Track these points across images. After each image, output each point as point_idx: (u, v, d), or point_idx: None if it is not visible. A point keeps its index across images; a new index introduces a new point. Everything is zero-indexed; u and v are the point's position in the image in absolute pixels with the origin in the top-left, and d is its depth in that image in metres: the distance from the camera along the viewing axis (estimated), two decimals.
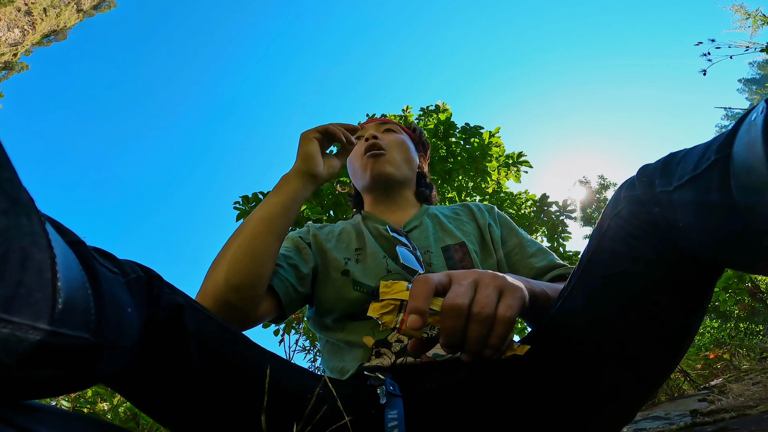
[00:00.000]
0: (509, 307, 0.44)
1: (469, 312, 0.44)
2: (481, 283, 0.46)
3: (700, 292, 0.46)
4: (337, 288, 0.75)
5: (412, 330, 0.44)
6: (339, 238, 0.86)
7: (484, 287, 0.46)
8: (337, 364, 0.72)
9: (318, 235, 0.87)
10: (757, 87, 26.33)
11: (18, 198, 0.25)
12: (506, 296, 0.45)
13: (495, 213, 0.94)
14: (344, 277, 0.76)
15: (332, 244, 0.84)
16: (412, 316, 0.44)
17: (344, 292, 0.73)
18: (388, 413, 0.50)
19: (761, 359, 2.07)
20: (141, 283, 0.41)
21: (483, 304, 0.44)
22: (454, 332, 0.44)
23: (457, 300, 0.44)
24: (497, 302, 0.45)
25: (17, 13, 24.83)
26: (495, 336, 0.44)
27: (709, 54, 3.19)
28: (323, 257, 0.81)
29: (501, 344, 0.44)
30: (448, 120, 3.11)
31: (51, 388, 0.31)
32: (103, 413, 1.35)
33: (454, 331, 0.44)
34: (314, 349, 2.68)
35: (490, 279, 0.47)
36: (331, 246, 0.83)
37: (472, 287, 0.46)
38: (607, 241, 0.49)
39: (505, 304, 0.45)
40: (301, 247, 0.82)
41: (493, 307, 0.44)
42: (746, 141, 0.32)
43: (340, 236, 0.87)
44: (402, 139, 0.99)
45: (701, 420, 0.82)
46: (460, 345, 0.45)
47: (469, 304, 0.44)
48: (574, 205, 3.10)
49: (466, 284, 0.46)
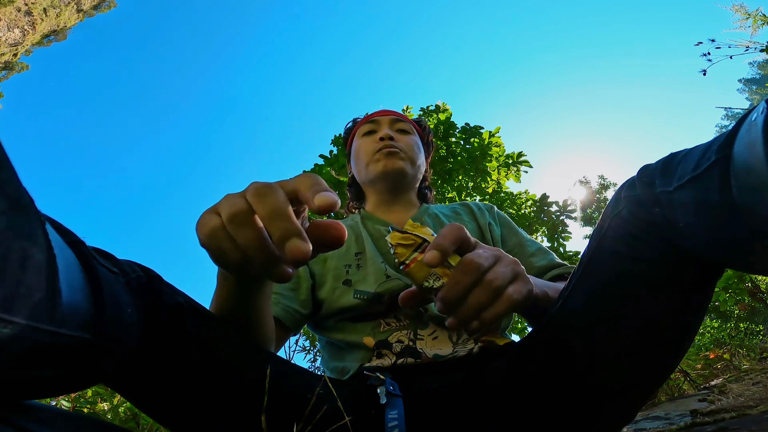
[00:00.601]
0: (518, 291, 0.46)
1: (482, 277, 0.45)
2: (503, 259, 0.48)
3: (701, 292, 0.46)
4: (338, 296, 0.74)
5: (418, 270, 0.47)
6: None
7: (504, 264, 0.47)
8: (338, 364, 0.72)
9: None
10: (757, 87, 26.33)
11: (18, 198, 0.25)
12: (519, 281, 0.47)
13: (495, 212, 0.94)
14: (345, 286, 0.75)
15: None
16: (433, 252, 0.45)
17: (344, 300, 0.73)
18: (388, 413, 0.50)
19: (761, 359, 2.07)
20: (141, 283, 0.41)
21: (498, 275, 0.45)
22: (458, 287, 0.45)
23: (478, 259, 0.45)
24: (510, 282, 0.46)
25: (17, 13, 24.83)
26: (493, 311, 0.45)
27: (709, 54, 3.19)
28: (323, 266, 0.80)
29: (493, 321, 0.45)
30: (448, 120, 3.11)
31: (51, 388, 0.31)
32: (103, 413, 1.35)
33: (460, 286, 0.45)
34: (314, 349, 2.68)
35: (511, 261, 0.48)
36: (330, 253, 0.82)
37: (494, 258, 0.47)
38: (608, 241, 0.49)
39: (516, 288, 0.46)
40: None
41: (504, 283, 0.45)
42: (746, 141, 0.32)
43: None
44: (415, 141, 0.98)
45: (701, 420, 0.82)
46: (456, 303, 0.45)
47: (486, 270, 0.45)
48: (574, 205, 3.10)
49: (490, 253, 0.48)
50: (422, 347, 0.66)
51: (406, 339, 0.68)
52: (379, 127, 0.97)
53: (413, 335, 0.68)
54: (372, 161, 0.91)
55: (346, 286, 0.75)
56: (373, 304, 0.72)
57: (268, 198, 0.35)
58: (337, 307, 0.73)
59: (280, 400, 0.49)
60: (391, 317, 0.71)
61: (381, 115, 1.00)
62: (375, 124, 0.97)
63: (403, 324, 0.70)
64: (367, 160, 0.92)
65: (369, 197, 0.98)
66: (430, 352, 0.65)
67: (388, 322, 0.71)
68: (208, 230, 0.36)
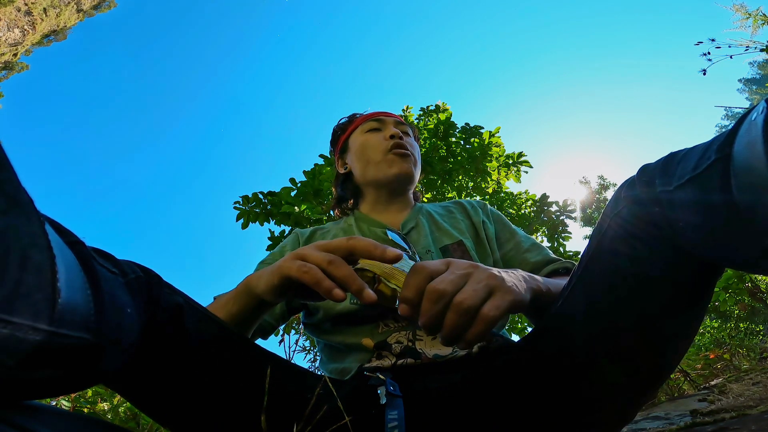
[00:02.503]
0: (496, 307, 0.44)
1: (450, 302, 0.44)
2: (474, 277, 0.46)
3: (701, 291, 0.46)
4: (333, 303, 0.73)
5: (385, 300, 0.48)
6: None
7: (475, 281, 0.45)
8: (337, 366, 0.71)
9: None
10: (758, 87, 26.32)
11: (17, 198, 0.25)
12: (496, 296, 0.45)
13: (488, 210, 0.94)
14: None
15: None
16: (402, 306, 0.45)
17: (341, 305, 0.72)
18: (388, 413, 0.50)
19: (761, 359, 2.07)
20: (140, 284, 0.41)
21: (466, 296, 0.44)
22: (431, 316, 0.44)
23: (440, 285, 0.44)
24: (484, 299, 0.44)
25: (17, 13, 24.83)
26: (471, 333, 0.43)
27: (709, 53, 3.19)
28: None
29: (476, 341, 0.44)
30: (448, 120, 3.11)
31: (51, 388, 0.31)
32: (103, 413, 1.35)
33: (432, 314, 0.44)
34: (314, 349, 2.68)
35: (485, 276, 0.46)
36: None
37: (464, 278, 0.46)
38: (608, 240, 0.49)
39: (493, 304, 0.44)
40: None
41: (476, 301, 0.44)
42: (747, 140, 0.32)
43: None
44: (417, 146, 0.99)
45: (701, 420, 0.82)
46: (436, 329, 0.45)
47: (454, 293, 0.44)
48: (574, 205, 3.09)
49: (458, 274, 0.46)
50: (422, 348, 0.66)
51: (405, 339, 0.68)
52: (385, 126, 0.96)
53: (412, 336, 0.68)
54: (384, 160, 0.90)
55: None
56: (371, 308, 0.71)
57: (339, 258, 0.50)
58: (334, 312, 0.73)
59: (280, 400, 0.49)
60: (390, 318, 0.71)
61: (386, 115, 0.99)
62: (380, 122, 0.97)
63: (401, 325, 0.70)
64: (378, 159, 0.91)
65: (366, 195, 0.96)
66: (430, 352, 0.65)
67: (387, 323, 0.70)
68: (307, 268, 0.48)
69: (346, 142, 1.01)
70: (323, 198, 2.55)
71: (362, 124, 0.98)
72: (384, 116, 0.98)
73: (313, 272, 0.48)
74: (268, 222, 2.69)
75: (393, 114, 1.00)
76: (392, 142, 0.91)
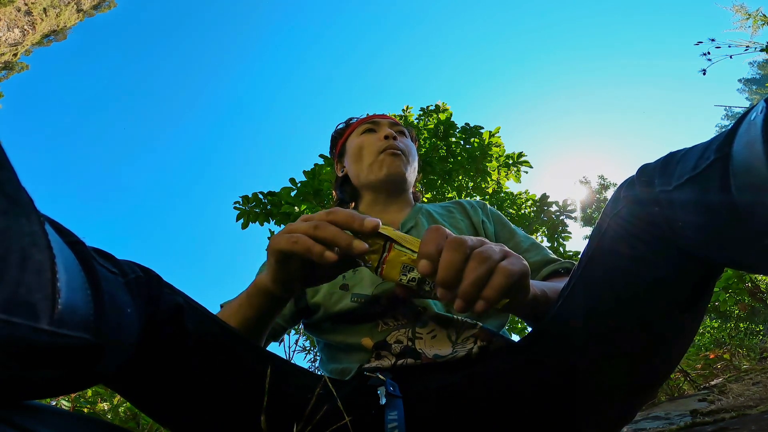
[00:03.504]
0: (512, 263, 0.45)
1: (471, 253, 0.44)
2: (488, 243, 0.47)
3: (700, 291, 0.46)
4: (335, 300, 0.74)
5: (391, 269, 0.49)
6: None
7: (492, 244, 0.47)
8: (336, 366, 0.71)
9: None
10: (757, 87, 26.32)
11: (17, 198, 0.25)
12: (510, 257, 0.46)
13: (487, 210, 0.94)
14: (342, 291, 0.75)
15: None
16: (423, 261, 0.45)
17: (341, 303, 0.73)
18: (388, 414, 0.50)
19: (761, 359, 2.07)
20: (141, 284, 0.41)
21: (487, 251, 0.45)
22: (452, 266, 0.43)
23: (463, 238, 0.45)
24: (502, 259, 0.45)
25: (17, 13, 24.83)
26: (493, 284, 0.43)
27: (708, 53, 3.19)
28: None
29: (496, 297, 0.43)
30: (448, 120, 3.11)
31: (51, 388, 0.31)
32: (103, 413, 1.35)
33: (453, 264, 0.44)
34: (314, 349, 2.68)
35: (498, 245, 0.48)
36: None
37: (480, 240, 0.47)
38: (607, 240, 0.49)
39: (510, 260, 0.45)
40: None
41: (495, 255, 0.45)
42: (746, 140, 0.32)
43: None
44: (413, 145, 1.00)
45: (701, 420, 0.82)
46: (455, 283, 0.44)
47: (474, 247, 0.45)
48: (574, 205, 3.09)
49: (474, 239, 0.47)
50: (422, 347, 0.66)
51: (405, 339, 0.67)
52: (379, 127, 0.97)
53: (412, 334, 0.68)
54: (376, 161, 0.91)
55: (343, 290, 0.75)
56: (371, 306, 0.71)
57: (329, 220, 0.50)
58: (334, 311, 0.73)
59: (280, 400, 0.49)
60: (389, 317, 0.71)
61: (381, 118, 1.01)
62: (374, 124, 0.98)
63: (401, 323, 0.70)
64: (371, 159, 0.92)
65: (364, 197, 0.97)
66: (430, 352, 0.65)
67: (386, 321, 0.70)
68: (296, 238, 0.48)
69: (343, 146, 1.02)
70: (323, 198, 2.55)
71: (358, 128, 0.99)
72: (379, 119, 1.00)
73: (302, 240, 0.48)
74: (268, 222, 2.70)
75: (388, 116, 1.02)
76: (385, 143, 0.92)
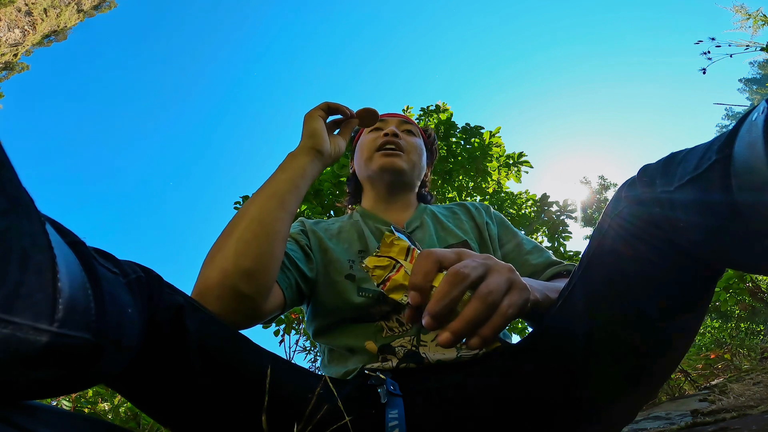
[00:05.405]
0: (513, 303, 0.43)
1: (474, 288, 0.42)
2: (495, 268, 0.45)
3: (701, 291, 0.46)
4: (340, 291, 0.73)
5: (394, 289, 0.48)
6: (339, 237, 0.84)
7: (497, 273, 0.44)
8: (340, 369, 0.71)
9: (317, 231, 0.84)
10: (758, 87, 26.30)
11: (18, 198, 0.25)
12: (513, 292, 0.44)
13: (491, 212, 0.95)
14: (348, 281, 0.74)
15: (333, 244, 0.82)
16: (412, 293, 0.44)
17: (347, 297, 0.72)
18: (388, 413, 0.50)
19: (762, 359, 2.06)
20: (141, 284, 0.41)
21: (492, 288, 0.42)
22: (446, 301, 0.41)
23: (465, 269, 0.42)
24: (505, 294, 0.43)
25: (17, 13, 24.84)
26: (490, 326, 0.42)
27: (708, 52, 3.19)
28: (324, 256, 0.79)
29: (493, 337, 0.42)
30: (448, 120, 3.11)
31: (51, 388, 0.31)
32: (103, 413, 1.35)
33: (447, 299, 0.41)
34: (314, 349, 2.68)
35: (505, 269, 0.45)
36: (332, 245, 0.81)
37: (485, 268, 0.44)
38: (608, 241, 0.49)
39: (511, 299, 0.43)
40: (302, 244, 0.79)
41: (500, 296, 0.42)
42: (747, 141, 0.32)
43: (340, 235, 0.85)
44: (419, 144, 0.98)
45: (702, 420, 0.82)
46: (445, 318, 0.42)
47: (477, 282, 0.43)
48: (575, 205, 3.09)
49: (479, 262, 0.45)
50: (425, 352, 0.66)
51: (409, 345, 0.67)
52: (387, 125, 0.97)
53: (416, 342, 0.68)
54: (371, 157, 0.92)
55: (349, 280, 0.74)
56: (377, 304, 0.71)
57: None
58: (340, 301, 0.72)
59: (280, 400, 0.49)
60: (393, 320, 0.71)
61: (390, 116, 1.01)
62: (383, 122, 0.98)
63: (405, 329, 0.69)
64: (368, 155, 0.93)
65: (366, 193, 0.98)
66: (434, 357, 0.65)
67: (391, 327, 0.70)
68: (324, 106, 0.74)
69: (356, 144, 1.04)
70: (323, 198, 2.55)
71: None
72: (388, 116, 1.00)
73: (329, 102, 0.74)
74: None
75: (399, 114, 1.01)
76: (383, 140, 0.92)
